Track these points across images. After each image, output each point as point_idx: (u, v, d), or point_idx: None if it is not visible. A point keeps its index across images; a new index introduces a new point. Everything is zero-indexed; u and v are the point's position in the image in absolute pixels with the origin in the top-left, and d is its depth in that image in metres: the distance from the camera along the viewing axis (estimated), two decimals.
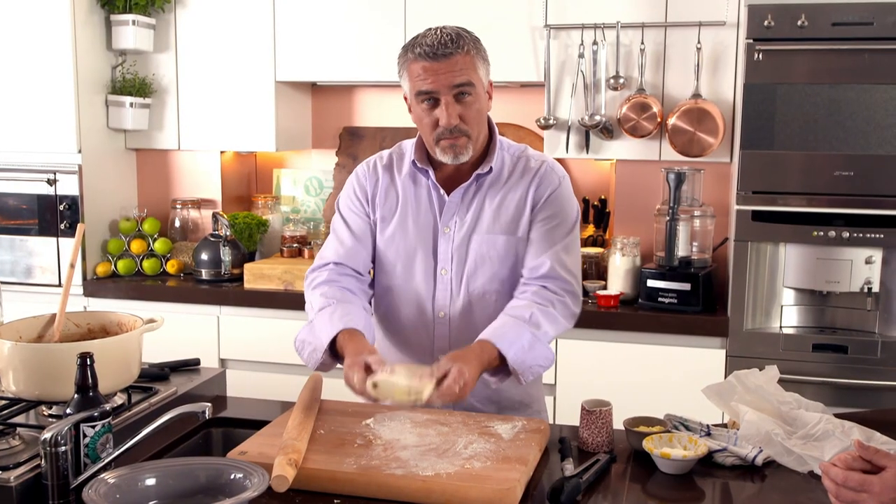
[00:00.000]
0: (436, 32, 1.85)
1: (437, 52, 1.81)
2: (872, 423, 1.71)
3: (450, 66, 1.81)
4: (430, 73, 1.82)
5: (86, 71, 3.42)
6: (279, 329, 3.28)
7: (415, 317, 1.97)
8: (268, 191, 3.92)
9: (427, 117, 1.86)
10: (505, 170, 1.96)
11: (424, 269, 1.95)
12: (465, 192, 1.95)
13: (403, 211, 1.97)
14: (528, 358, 1.81)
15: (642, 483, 1.63)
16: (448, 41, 1.81)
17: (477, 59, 1.85)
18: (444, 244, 1.94)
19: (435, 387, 1.64)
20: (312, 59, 3.45)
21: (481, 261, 1.92)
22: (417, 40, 1.85)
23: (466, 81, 1.83)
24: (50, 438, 1.44)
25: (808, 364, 2.85)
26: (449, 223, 1.95)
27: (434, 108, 1.85)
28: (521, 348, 1.79)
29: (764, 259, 2.93)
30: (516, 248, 1.93)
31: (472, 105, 1.85)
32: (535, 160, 1.98)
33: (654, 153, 3.23)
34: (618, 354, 3.02)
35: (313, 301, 1.95)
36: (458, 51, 1.82)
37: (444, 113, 1.83)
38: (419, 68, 1.83)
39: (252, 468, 1.44)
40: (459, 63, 1.82)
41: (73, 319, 1.95)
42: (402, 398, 1.62)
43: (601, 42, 3.19)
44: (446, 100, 1.83)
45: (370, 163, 2.05)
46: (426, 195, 1.97)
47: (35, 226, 3.46)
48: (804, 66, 2.81)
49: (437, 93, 1.83)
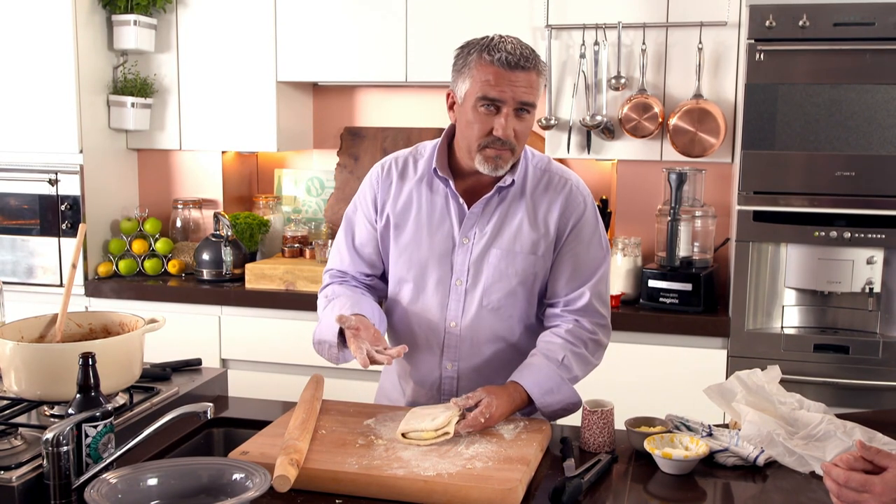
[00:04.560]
0: (512, 41, 1.80)
1: (517, 62, 1.76)
2: (874, 424, 1.71)
3: (525, 80, 1.78)
4: (504, 81, 1.77)
5: (87, 71, 3.42)
6: (280, 329, 3.29)
7: (426, 326, 1.96)
8: (269, 191, 3.92)
9: (481, 122, 1.81)
10: (528, 183, 1.93)
11: (439, 278, 1.93)
12: (487, 203, 1.91)
13: (419, 218, 1.94)
14: (554, 402, 1.84)
15: (644, 483, 1.63)
16: (528, 55, 1.78)
17: (541, 79, 1.82)
18: (461, 255, 1.92)
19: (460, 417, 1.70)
20: (314, 59, 3.45)
21: (499, 276, 1.90)
22: (493, 44, 1.78)
23: (532, 102, 1.80)
24: (52, 438, 1.44)
25: (809, 364, 2.85)
26: (468, 234, 1.92)
27: (492, 115, 1.80)
28: (548, 391, 1.83)
29: (765, 259, 2.93)
30: (535, 266, 1.91)
31: (527, 123, 1.83)
32: (560, 178, 1.94)
33: (655, 153, 3.23)
34: (619, 355, 3.00)
35: (320, 303, 2.00)
36: (534, 68, 1.79)
37: (503, 123, 1.78)
38: (491, 73, 1.77)
39: (254, 468, 1.44)
40: (533, 80, 1.79)
41: (75, 319, 1.95)
42: (431, 438, 1.66)
43: (602, 42, 3.19)
44: (508, 112, 1.79)
45: (385, 165, 2.01)
46: (443, 203, 1.93)
47: (36, 226, 3.46)
48: (805, 66, 2.81)
49: (504, 103, 1.78)
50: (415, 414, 1.73)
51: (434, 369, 1.97)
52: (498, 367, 1.94)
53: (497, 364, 1.94)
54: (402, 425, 1.69)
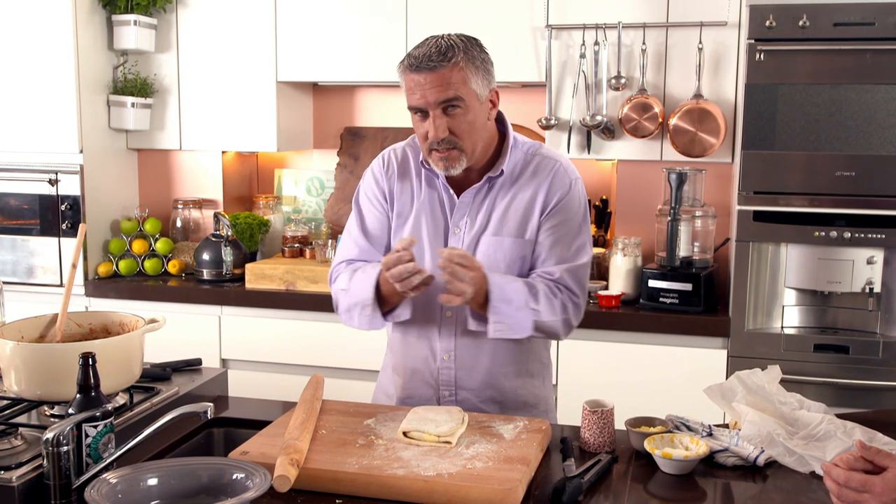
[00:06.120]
0: (429, 43, 1.82)
1: (421, 64, 1.78)
2: (874, 424, 1.72)
3: (437, 80, 1.78)
4: (418, 86, 1.80)
5: (87, 71, 3.42)
6: (280, 329, 3.29)
7: (422, 314, 1.97)
8: (269, 191, 3.92)
9: (419, 129, 1.86)
10: (517, 169, 1.95)
11: (434, 268, 1.93)
12: (477, 193, 1.94)
13: (418, 210, 1.97)
14: (508, 313, 1.81)
15: (644, 483, 1.62)
16: (435, 53, 1.78)
17: (468, 69, 1.80)
18: (453, 245, 1.94)
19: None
20: (314, 59, 3.45)
21: (489, 263, 1.90)
22: (411, 51, 1.83)
23: (453, 97, 1.79)
24: (52, 438, 1.44)
25: (809, 364, 2.85)
26: (459, 224, 1.94)
27: (424, 121, 1.83)
28: (507, 300, 1.81)
29: (765, 259, 2.93)
30: (523, 250, 1.93)
31: (463, 118, 1.82)
32: (549, 160, 1.96)
33: (655, 153, 3.23)
34: (619, 355, 3.02)
35: (339, 285, 1.98)
36: (445, 63, 1.78)
37: (432, 127, 1.81)
38: (410, 80, 1.81)
39: (254, 468, 1.44)
40: (447, 77, 1.78)
41: (75, 319, 1.95)
42: (431, 441, 1.66)
43: (602, 42, 3.19)
44: (434, 114, 1.81)
45: (385, 158, 2.03)
46: (438, 195, 1.97)
47: (37, 226, 3.46)
48: (805, 66, 2.81)
49: (426, 107, 1.81)
50: (418, 414, 1.73)
51: (431, 360, 1.98)
52: (495, 357, 1.95)
53: (493, 351, 1.95)
54: (404, 424, 1.69)
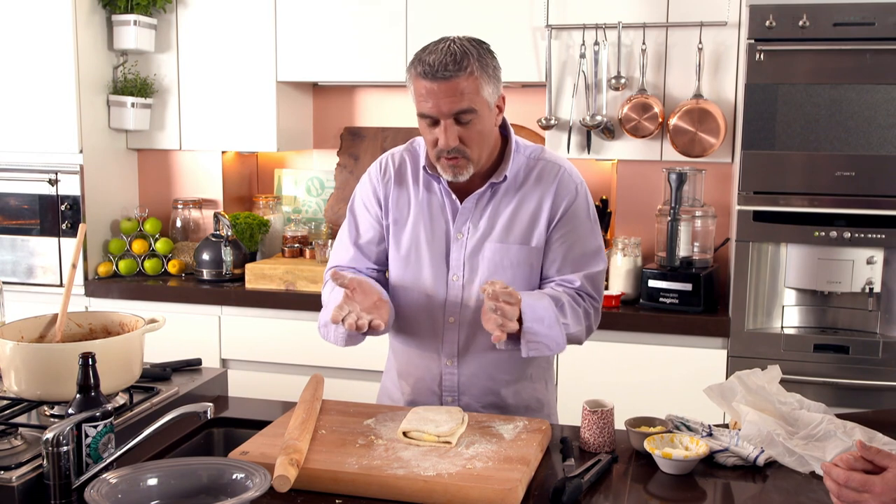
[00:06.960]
0: (441, 48, 1.76)
1: (437, 73, 1.73)
2: (874, 424, 1.71)
3: (451, 89, 1.74)
4: (431, 95, 1.76)
5: (87, 71, 3.42)
6: (280, 329, 3.29)
7: (425, 321, 1.96)
8: (269, 191, 3.92)
9: (428, 135, 1.83)
10: (520, 174, 1.93)
11: (436, 274, 1.93)
12: (480, 198, 1.92)
13: (417, 216, 1.95)
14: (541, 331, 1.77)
15: (644, 483, 1.62)
16: (450, 62, 1.74)
17: (482, 78, 1.77)
18: (456, 251, 1.92)
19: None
20: (314, 59, 3.45)
21: (494, 269, 1.90)
22: (423, 56, 1.77)
23: (467, 108, 1.76)
24: (52, 438, 1.44)
25: (809, 364, 2.85)
26: (462, 229, 1.92)
27: (434, 127, 1.80)
28: (539, 319, 1.77)
29: (765, 259, 2.93)
30: (529, 257, 1.91)
31: (474, 127, 1.80)
32: (552, 165, 1.94)
33: (655, 153, 3.23)
34: (619, 355, 3.02)
35: (324, 294, 2.00)
36: (461, 73, 1.74)
37: (444, 135, 1.78)
38: (421, 87, 1.77)
39: (254, 468, 1.44)
40: (461, 87, 1.74)
41: (75, 319, 1.95)
42: (431, 441, 1.66)
43: (602, 42, 3.19)
44: (446, 123, 1.78)
45: (382, 163, 2.01)
46: (438, 200, 1.94)
47: (36, 226, 3.46)
48: (805, 66, 2.81)
49: (437, 116, 1.78)
50: (418, 414, 1.73)
51: (434, 366, 1.97)
52: (498, 362, 1.94)
53: (497, 359, 1.94)
54: (404, 423, 1.69)
